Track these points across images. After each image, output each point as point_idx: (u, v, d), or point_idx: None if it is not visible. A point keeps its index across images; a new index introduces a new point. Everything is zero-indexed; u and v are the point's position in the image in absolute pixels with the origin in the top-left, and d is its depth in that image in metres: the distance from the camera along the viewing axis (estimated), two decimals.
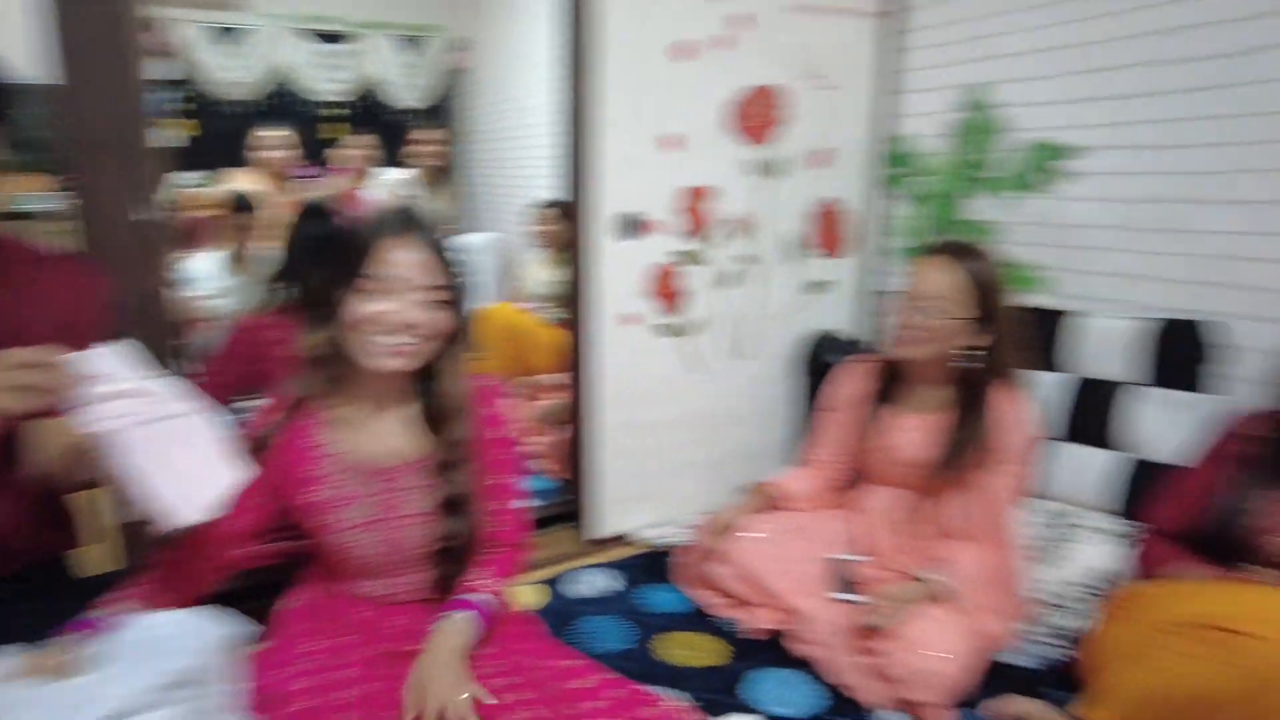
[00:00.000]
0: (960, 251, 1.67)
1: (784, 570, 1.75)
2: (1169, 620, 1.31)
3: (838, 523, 1.85)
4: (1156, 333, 1.79)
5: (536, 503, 2.33)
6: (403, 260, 1.16)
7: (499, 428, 1.29)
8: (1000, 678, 1.57)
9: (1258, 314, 1.70)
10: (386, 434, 1.25)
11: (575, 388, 2.24)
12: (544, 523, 2.31)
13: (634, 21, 2.02)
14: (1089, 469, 1.86)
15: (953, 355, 1.68)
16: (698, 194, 2.21)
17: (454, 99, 4.87)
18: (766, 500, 1.90)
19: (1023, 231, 2.12)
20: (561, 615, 1.84)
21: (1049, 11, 2.01)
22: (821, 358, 2.37)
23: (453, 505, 1.23)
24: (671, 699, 1.19)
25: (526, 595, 1.92)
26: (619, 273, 2.16)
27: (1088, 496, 1.86)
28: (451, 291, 1.20)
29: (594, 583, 2.02)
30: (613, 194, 2.10)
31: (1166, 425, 1.77)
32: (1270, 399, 1.49)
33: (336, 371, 1.23)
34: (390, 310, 1.15)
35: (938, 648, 1.50)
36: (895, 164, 2.42)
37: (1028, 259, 2.11)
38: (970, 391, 1.68)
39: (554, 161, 2.14)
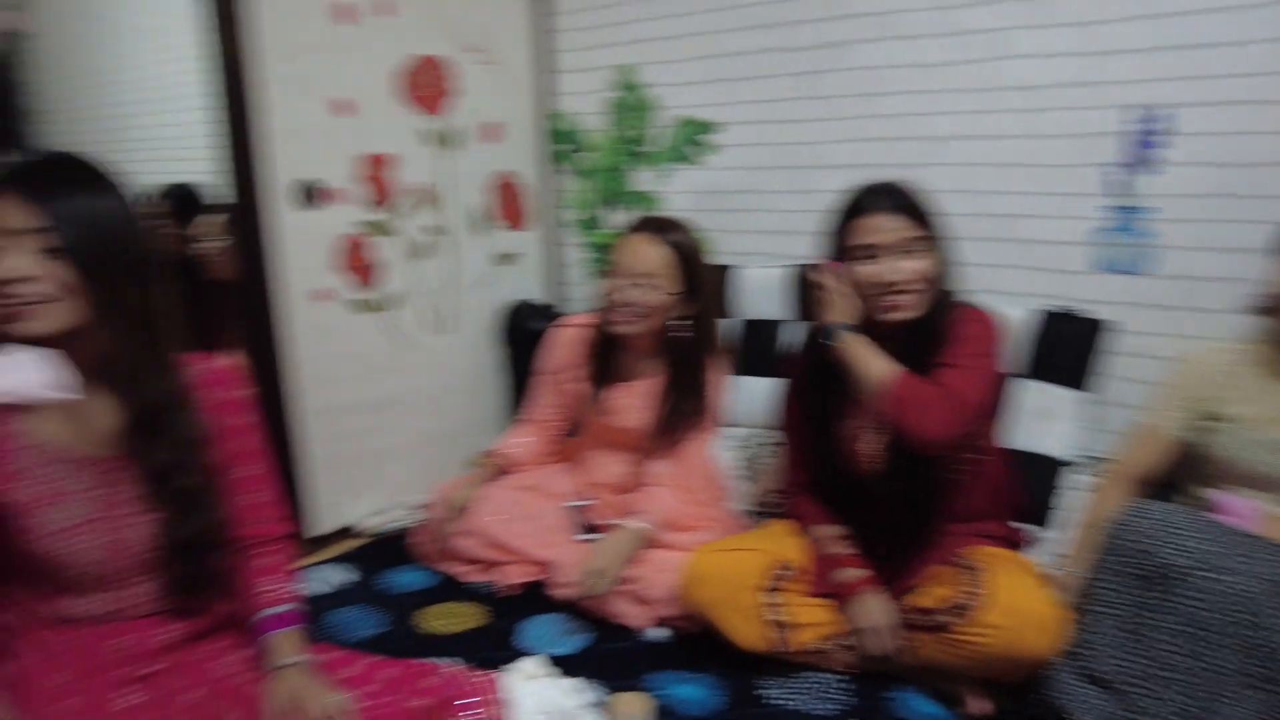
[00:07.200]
0: (661, 226, 1.76)
1: (526, 528, 1.78)
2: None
3: (565, 475, 1.94)
4: (797, 277, 2.07)
5: None
6: None
7: (237, 414, 1.14)
8: None
9: None
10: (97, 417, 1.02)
11: (266, 374, 1.98)
12: None
13: None
14: (760, 395, 2.02)
15: (665, 327, 1.76)
16: (378, 162, 2.12)
17: (13, 71, 3.90)
18: (494, 469, 1.90)
19: (681, 199, 2.36)
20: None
21: (683, 1, 2.30)
22: (522, 326, 2.42)
23: (185, 500, 1.05)
24: (449, 664, 1.19)
25: None
26: (303, 245, 1.98)
27: (763, 419, 2.09)
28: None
29: (327, 579, 1.85)
30: (285, 160, 1.92)
31: None
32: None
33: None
34: None
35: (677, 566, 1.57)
36: (559, 139, 2.51)
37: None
38: (681, 359, 1.78)
39: (209, 132, 1.87)
